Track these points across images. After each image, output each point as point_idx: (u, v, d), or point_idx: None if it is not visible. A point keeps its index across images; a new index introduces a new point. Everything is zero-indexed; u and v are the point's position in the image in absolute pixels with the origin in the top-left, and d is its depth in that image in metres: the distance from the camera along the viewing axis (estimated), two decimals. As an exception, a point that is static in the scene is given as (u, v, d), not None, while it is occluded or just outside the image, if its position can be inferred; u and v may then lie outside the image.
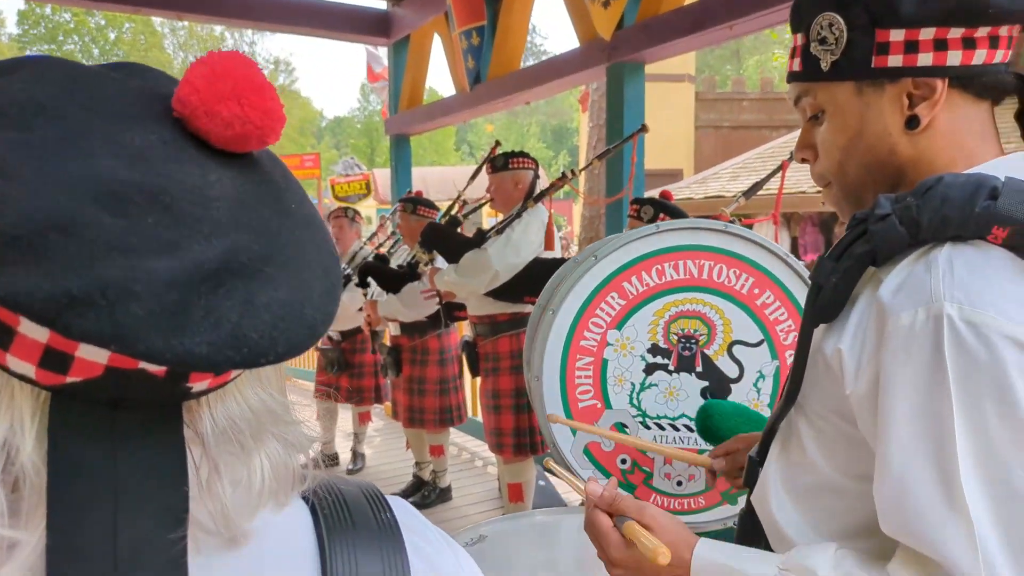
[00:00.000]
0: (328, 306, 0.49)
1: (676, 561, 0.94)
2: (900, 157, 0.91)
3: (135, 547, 0.43)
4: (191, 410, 0.49)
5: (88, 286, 0.39)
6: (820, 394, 0.91)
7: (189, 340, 0.41)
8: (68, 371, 0.42)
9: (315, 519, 0.55)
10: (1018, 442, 0.72)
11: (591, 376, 1.73)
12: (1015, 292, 0.75)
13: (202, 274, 0.42)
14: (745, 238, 1.70)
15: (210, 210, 0.44)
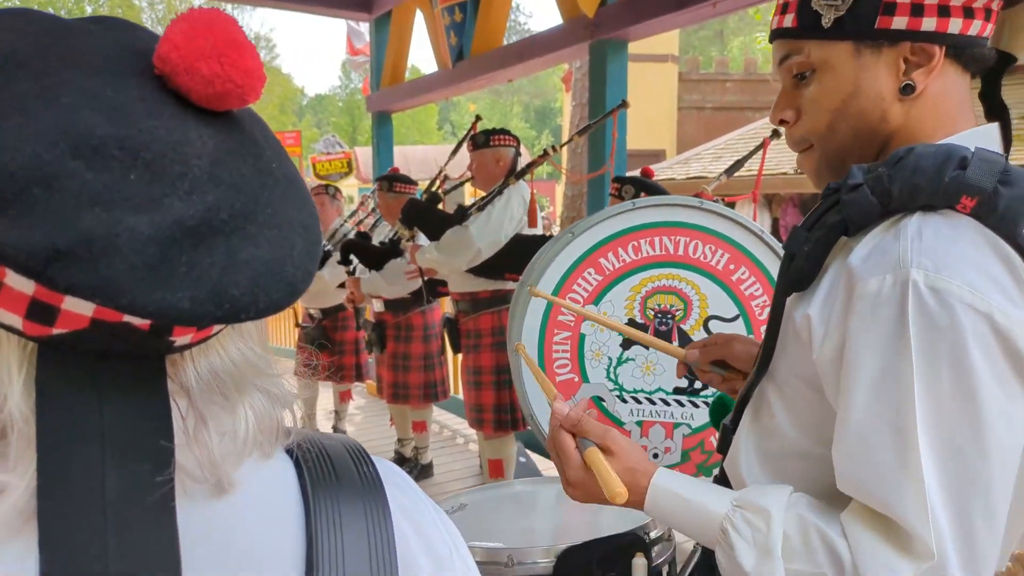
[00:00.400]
0: (308, 264, 0.50)
1: (633, 488, 0.95)
2: (891, 124, 0.91)
3: (123, 490, 0.45)
4: (175, 363, 0.50)
5: (72, 240, 0.40)
6: (789, 361, 0.93)
7: (172, 295, 0.42)
8: (54, 323, 0.43)
9: (299, 472, 0.56)
10: (967, 406, 0.75)
11: (569, 350, 1.75)
12: (981, 261, 0.76)
13: (183, 230, 0.43)
14: (720, 214, 1.72)
15: (191, 167, 0.44)
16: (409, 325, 4.25)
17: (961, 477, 0.75)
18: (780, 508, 0.85)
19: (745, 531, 0.85)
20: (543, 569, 1.35)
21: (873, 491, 0.79)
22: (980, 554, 0.75)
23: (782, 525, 0.83)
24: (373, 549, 0.54)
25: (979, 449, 0.75)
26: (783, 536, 0.82)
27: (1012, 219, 0.77)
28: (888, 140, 0.92)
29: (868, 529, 0.79)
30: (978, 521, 0.75)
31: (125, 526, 0.44)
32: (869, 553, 0.77)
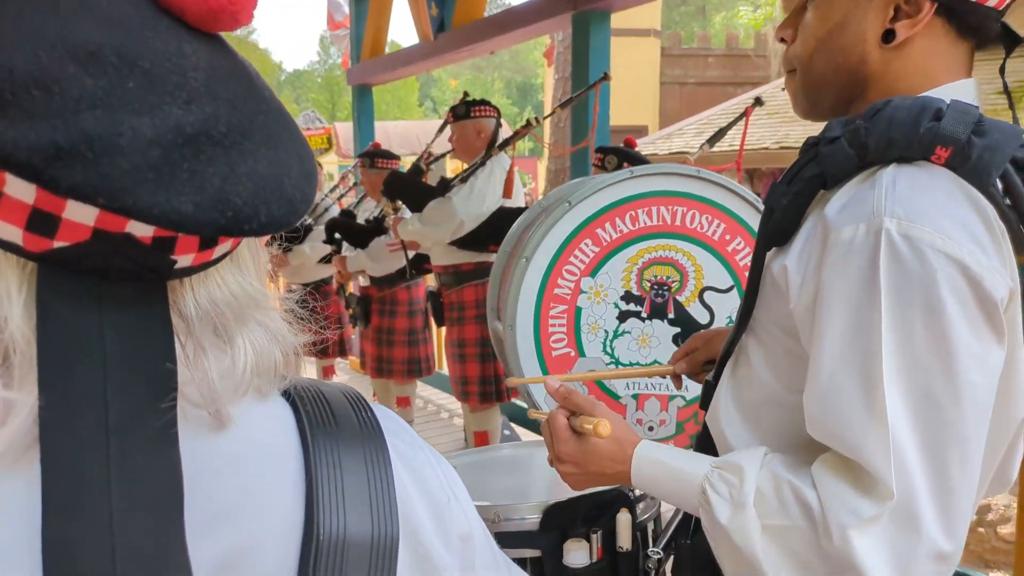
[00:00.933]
0: (306, 187, 0.50)
1: (619, 457, 0.99)
2: (868, 68, 0.91)
3: (125, 413, 0.44)
4: (175, 290, 0.49)
5: (74, 138, 0.40)
6: (767, 312, 0.94)
7: (175, 198, 0.42)
8: (55, 234, 0.43)
9: (297, 416, 0.56)
10: (940, 352, 0.76)
11: (565, 324, 1.73)
12: (954, 210, 0.77)
13: (183, 137, 0.43)
14: (717, 183, 1.71)
15: (187, 79, 0.44)
16: (394, 300, 4.23)
17: (936, 423, 0.76)
18: (754, 465, 0.87)
19: (721, 488, 0.87)
20: (530, 525, 1.36)
21: (839, 434, 0.80)
22: (954, 497, 0.76)
23: (755, 480, 0.85)
24: (373, 493, 0.54)
25: (953, 394, 0.76)
26: (758, 492, 0.84)
27: (984, 169, 0.78)
28: (865, 86, 0.92)
29: (835, 476, 0.80)
30: (953, 464, 0.76)
31: (127, 451, 0.44)
32: (835, 497, 0.78)
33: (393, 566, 0.53)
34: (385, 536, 0.53)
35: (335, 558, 0.51)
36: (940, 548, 0.76)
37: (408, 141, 13.33)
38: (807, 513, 0.80)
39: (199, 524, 0.47)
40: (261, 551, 0.50)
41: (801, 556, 0.80)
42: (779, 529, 0.82)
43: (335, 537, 0.51)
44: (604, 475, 1.02)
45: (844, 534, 0.76)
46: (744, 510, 0.84)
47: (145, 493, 0.44)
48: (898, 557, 0.76)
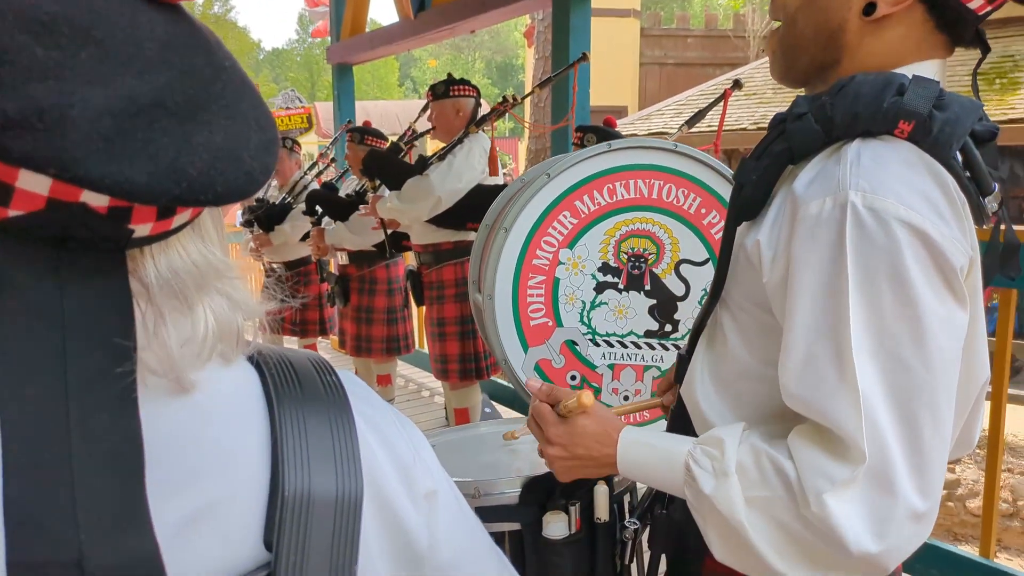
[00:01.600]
0: (266, 158, 0.50)
1: (605, 440, 1.01)
2: (845, 37, 0.92)
3: (84, 378, 0.45)
4: (135, 259, 0.49)
5: (23, 109, 0.39)
6: (740, 287, 0.96)
7: (128, 168, 0.42)
8: (9, 203, 0.42)
9: (262, 379, 0.57)
10: (907, 317, 0.78)
11: (543, 295, 1.76)
12: (916, 181, 0.80)
13: (136, 107, 0.43)
14: (693, 158, 1.73)
15: (142, 48, 0.44)
16: (373, 278, 4.23)
17: (907, 386, 0.78)
18: (734, 438, 0.89)
19: (704, 461, 0.89)
20: (509, 499, 1.38)
21: (813, 402, 0.82)
22: (928, 457, 0.78)
23: (736, 451, 0.87)
24: (337, 452, 0.55)
25: (923, 358, 0.78)
26: (739, 465, 0.86)
27: (946, 141, 0.80)
28: (839, 56, 0.93)
29: (809, 444, 0.82)
30: (925, 426, 0.78)
31: (87, 414, 0.44)
32: (809, 464, 0.80)
33: (357, 523, 0.54)
34: (349, 494, 0.54)
35: (300, 515, 0.52)
36: (916, 507, 0.77)
37: (388, 121, 13.23)
38: (785, 483, 0.82)
39: (165, 484, 0.48)
40: (227, 509, 0.51)
41: (786, 524, 0.82)
42: (762, 500, 0.83)
43: (300, 495, 0.52)
44: (591, 458, 1.03)
45: (819, 499, 0.78)
46: (727, 478, 0.85)
47: (105, 454, 0.45)
48: (875, 518, 0.77)
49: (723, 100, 2.77)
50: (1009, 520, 5.32)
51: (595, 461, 1.03)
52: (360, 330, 4.27)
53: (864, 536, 0.77)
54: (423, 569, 0.61)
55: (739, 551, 0.86)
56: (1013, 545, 5.35)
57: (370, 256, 4.18)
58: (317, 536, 0.52)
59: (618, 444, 1.00)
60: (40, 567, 0.42)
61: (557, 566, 1.37)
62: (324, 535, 0.53)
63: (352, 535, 0.54)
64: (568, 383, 1.82)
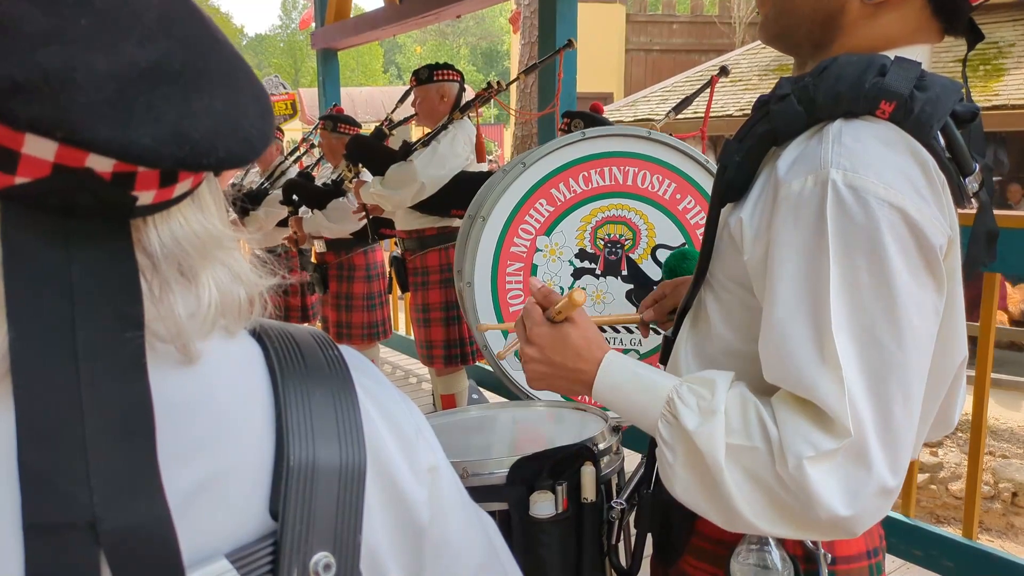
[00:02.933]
0: (264, 126, 0.51)
1: (586, 356, 0.98)
2: (844, 19, 0.92)
3: (94, 343, 0.45)
4: (139, 229, 0.50)
5: (30, 73, 0.40)
6: (723, 266, 0.97)
7: (133, 131, 0.43)
8: (16, 170, 0.43)
9: (265, 352, 0.57)
10: (884, 296, 0.79)
11: (521, 281, 1.78)
12: (896, 161, 0.81)
13: (137, 71, 0.43)
14: (667, 144, 1.75)
15: (141, 18, 0.45)
16: (351, 265, 4.22)
17: (879, 364, 0.79)
18: (725, 381, 0.89)
19: (690, 399, 0.88)
20: (497, 479, 1.38)
21: (795, 378, 0.83)
22: (898, 435, 0.80)
23: (725, 396, 0.87)
24: (340, 424, 0.55)
25: (895, 337, 0.79)
26: (726, 408, 0.86)
27: (926, 122, 0.81)
28: (835, 36, 0.93)
29: (794, 411, 0.83)
30: (896, 405, 0.79)
31: (97, 379, 0.45)
32: (792, 428, 0.81)
33: (361, 494, 0.55)
34: (353, 464, 0.55)
35: (305, 485, 0.52)
36: (886, 483, 0.79)
37: (373, 107, 13.15)
38: (766, 437, 0.83)
39: (173, 453, 0.48)
40: (233, 479, 0.52)
41: (759, 476, 0.82)
42: (739, 448, 0.83)
43: (304, 465, 0.53)
44: (566, 368, 1.00)
45: (799, 463, 0.79)
46: (713, 416, 0.85)
47: (117, 420, 0.45)
48: (849, 490, 0.79)
49: (710, 87, 2.78)
50: (990, 502, 5.40)
51: (569, 373, 1.00)
52: (340, 317, 4.27)
53: (836, 503, 0.78)
54: (423, 542, 0.62)
55: (705, 491, 0.86)
56: (994, 526, 5.44)
57: (347, 243, 4.18)
58: (322, 506, 0.53)
59: (600, 362, 0.97)
60: (55, 529, 0.43)
61: (544, 544, 1.38)
62: (329, 505, 0.53)
63: (356, 505, 0.55)
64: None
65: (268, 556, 0.51)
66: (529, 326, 1.04)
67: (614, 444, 1.51)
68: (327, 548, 0.53)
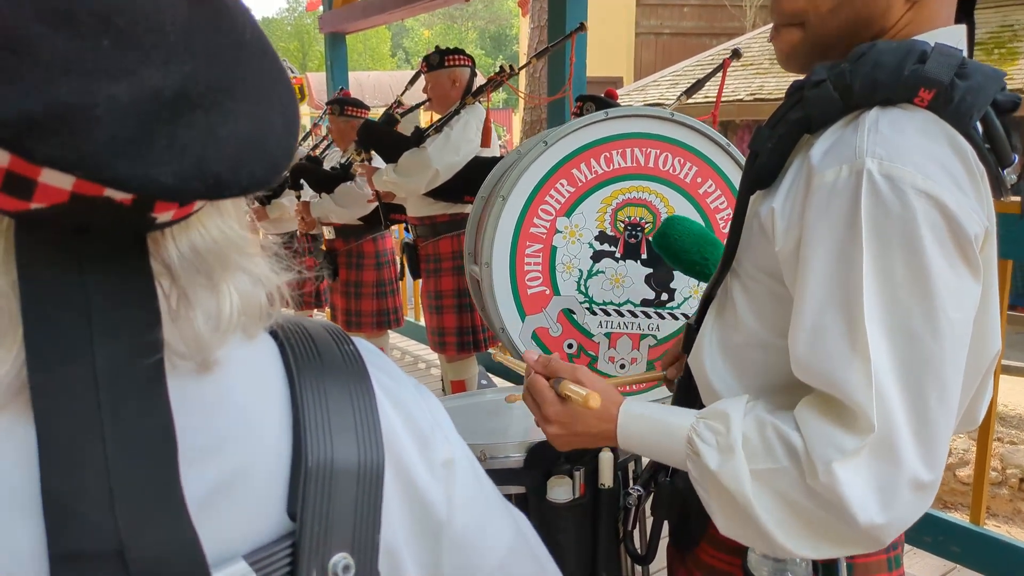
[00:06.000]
0: (288, 141, 0.49)
1: (605, 416, 0.99)
2: (889, 19, 0.90)
3: (112, 364, 0.44)
4: (156, 241, 0.49)
5: (49, 108, 0.38)
6: (753, 256, 0.95)
7: (155, 168, 0.41)
8: (31, 197, 0.41)
9: (282, 351, 0.57)
10: (919, 288, 0.78)
11: (540, 263, 1.77)
12: (934, 150, 0.79)
13: (161, 101, 0.41)
14: (690, 127, 1.73)
15: (165, 35, 0.42)
16: (360, 252, 4.22)
17: (915, 357, 0.78)
18: (739, 412, 0.88)
19: (708, 436, 0.88)
20: (515, 463, 1.39)
21: (822, 372, 0.81)
22: (933, 428, 0.78)
23: (741, 426, 0.86)
24: (358, 422, 0.55)
25: (932, 329, 0.78)
26: (743, 437, 0.85)
27: (966, 111, 0.79)
28: (881, 34, 0.91)
29: (817, 415, 0.82)
30: (931, 398, 0.78)
31: (118, 399, 0.44)
32: (818, 434, 0.80)
33: (379, 492, 0.54)
34: (371, 463, 0.54)
35: (324, 484, 0.52)
36: (920, 477, 0.77)
37: (381, 91, 13.11)
38: (791, 454, 0.81)
39: (190, 455, 0.48)
40: (251, 479, 0.51)
41: (789, 497, 0.81)
42: (766, 472, 0.83)
43: (323, 464, 0.52)
44: (590, 434, 1.02)
45: (828, 468, 0.77)
46: (732, 454, 0.84)
47: (138, 438, 0.45)
48: (880, 487, 0.77)
49: (722, 71, 2.75)
50: (998, 488, 5.40)
51: (594, 437, 1.02)
52: (350, 304, 4.27)
53: (871, 506, 0.77)
54: (441, 538, 0.61)
55: (743, 525, 0.86)
56: (1001, 512, 5.44)
57: (357, 230, 4.17)
58: (340, 506, 0.52)
59: (619, 418, 0.98)
60: (81, 558, 0.42)
61: (560, 529, 1.39)
62: (347, 505, 0.53)
63: (375, 505, 0.54)
64: (565, 351, 1.83)
65: (286, 557, 0.51)
66: (542, 406, 1.05)
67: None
68: (346, 549, 0.52)
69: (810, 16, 0.93)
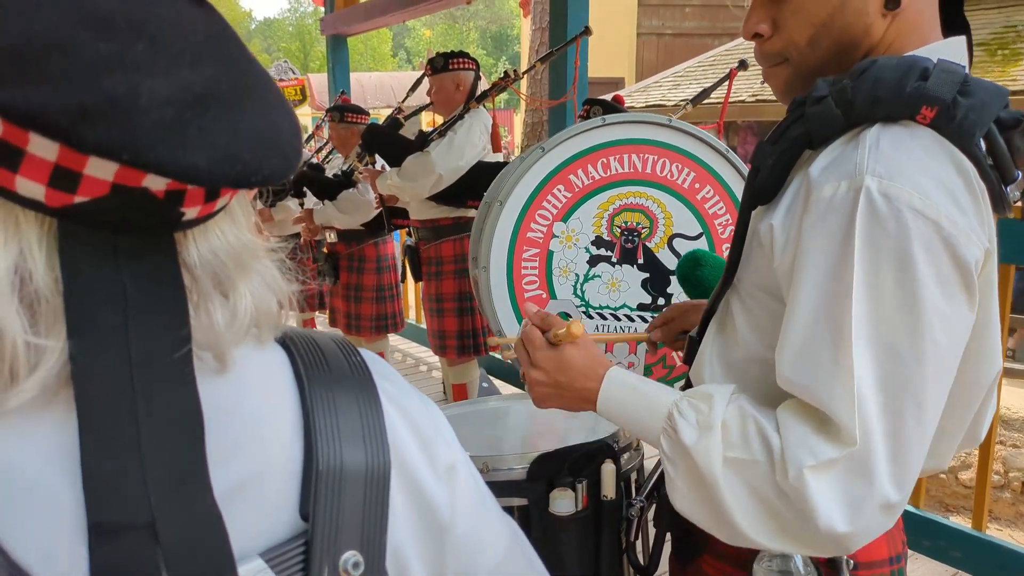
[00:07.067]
0: (296, 142, 0.53)
1: (590, 374, 1.00)
2: (872, 38, 0.90)
3: (146, 353, 0.48)
4: (180, 242, 0.52)
5: (98, 99, 0.42)
6: (752, 272, 0.95)
7: (191, 154, 0.45)
8: (77, 190, 0.45)
9: (292, 360, 0.60)
10: (908, 309, 0.77)
11: (537, 267, 1.77)
12: (935, 170, 0.78)
13: (192, 96, 0.46)
14: (688, 133, 1.74)
15: (189, 43, 0.47)
16: (362, 256, 4.22)
17: (896, 377, 0.78)
18: (723, 397, 0.88)
19: (689, 414, 0.88)
20: (517, 475, 1.39)
21: (807, 385, 0.81)
22: (907, 450, 0.78)
23: (723, 407, 0.87)
24: (365, 428, 0.58)
25: (915, 351, 0.77)
26: (723, 423, 0.85)
27: (969, 129, 0.79)
28: (868, 54, 0.91)
29: (799, 419, 0.82)
30: (909, 420, 0.78)
31: (150, 387, 0.48)
32: (795, 437, 0.80)
33: (386, 495, 0.58)
34: (378, 466, 0.57)
35: (333, 486, 0.55)
36: (888, 497, 0.77)
37: (383, 92, 13.11)
38: (767, 449, 0.82)
39: (211, 456, 0.51)
40: (266, 481, 0.54)
41: (758, 489, 0.82)
42: (739, 462, 0.83)
43: (333, 467, 0.55)
44: (571, 388, 1.02)
45: (799, 472, 0.78)
46: (711, 432, 0.85)
47: (169, 425, 0.48)
48: (849, 502, 0.77)
49: (728, 80, 2.74)
50: (1000, 491, 5.39)
51: (575, 393, 1.02)
52: (350, 308, 4.27)
53: (835, 517, 0.77)
54: (445, 539, 0.64)
55: (705, 505, 0.86)
56: (1003, 515, 5.43)
57: (359, 234, 4.17)
58: (349, 507, 0.56)
59: (603, 380, 0.99)
60: (117, 529, 0.46)
61: (563, 542, 1.39)
62: (356, 506, 0.56)
63: (382, 506, 0.57)
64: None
65: (300, 555, 0.54)
66: (531, 351, 1.05)
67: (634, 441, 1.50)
68: (355, 547, 0.55)
69: (791, 53, 0.94)
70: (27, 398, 0.47)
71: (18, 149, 0.44)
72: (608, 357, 1.88)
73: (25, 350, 0.46)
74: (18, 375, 0.46)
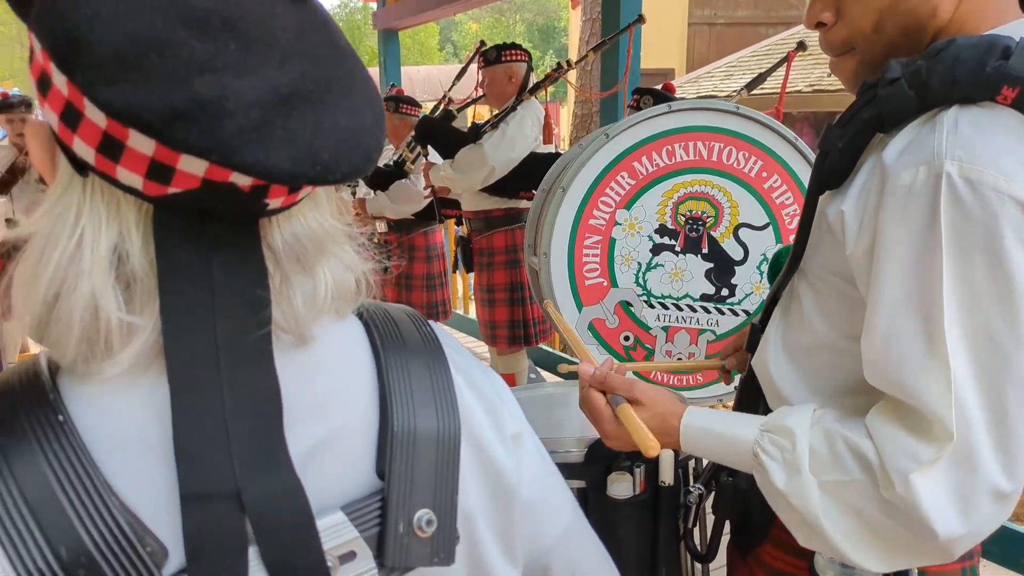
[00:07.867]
0: (378, 135, 0.54)
1: (666, 430, 0.98)
2: (939, 19, 0.87)
3: (231, 332, 0.51)
4: (264, 227, 0.55)
5: (188, 102, 0.44)
6: (822, 257, 0.93)
7: (274, 155, 0.47)
8: (170, 182, 0.48)
9: (368, 331, 0.63)
10: (1002, 294, 0.75)
11: (599, 254, 1.76)
12: (1019, 151, 0.75)
13: (278, 96, 0.47)
14: (756, 120, 1.70)
15: (280, 39, 0.48)
16: (411, 245, 4.28)
17: (996, 365, 0.75)
18: (804, 426, 0.86)
19: (774, 452, 0.86)
20: (575, 457, 1.39)
21: (898, 378, 0.79)
22: (1016, 438, 0.76)
23: (807, 441, 0.84)
24: (436, 394, 0.61)
25: (1014, 336, 0.75)
26: (810, 451, 0.83)
27: None
28: (936, 36, 0.88)
29: (891, 423, 0.80)
30: (1012, 406, 0.75)
31: (234, 366, 0.51)
32: (892, 444, 0.78)
33: (457, 459, 0.60)
34: (449, 431, 0.60)
35: (408, 448, 0.58)
36: (999, 486, 0.75)
37: (431, 86, 13.19)
38: (864, 464, 0.80)
39: (295, 416, 0.54)
40: (344, 442, 0.57)
41: (861, 509, 0.80)
42: (836, 484, 0.81)
43: (407, 430, 0.58)
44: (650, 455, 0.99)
45: (905, 479, 0.76)
46: (799, 474, 0.83)
47: (251, 400, 0.51)
48: (959, 497, 0.75)
49: (786, 63, 2.69)
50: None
51: None
52: (400, 296, 4.33)
53: (950, 516, 0.75)
54: (513, 504, 0.66)
55: (812, 537, 0.85)
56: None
57: (409, 223, 4.23)
58: (423, 468, 0.58)
59: (680, 432, 0.97)
60: (206, 498, 0.49)
61: (620, 525, 1.39)
62: (428, 467, 0.59)
63: (453, 469, 0.60)
64: (621, 343, 1.82)
65: (377, 510, 0.57)
66: (599, 422, 1.05)
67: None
68: (428, 506, 0.58)
69: (857, 41, 0.92)
70: (124, 368, 0.50)
71: (119, 142, 0.47)
72: (667, 347, 1.88)
73: (119, 326, 0.50)
74: (112, 347, 0.50)
